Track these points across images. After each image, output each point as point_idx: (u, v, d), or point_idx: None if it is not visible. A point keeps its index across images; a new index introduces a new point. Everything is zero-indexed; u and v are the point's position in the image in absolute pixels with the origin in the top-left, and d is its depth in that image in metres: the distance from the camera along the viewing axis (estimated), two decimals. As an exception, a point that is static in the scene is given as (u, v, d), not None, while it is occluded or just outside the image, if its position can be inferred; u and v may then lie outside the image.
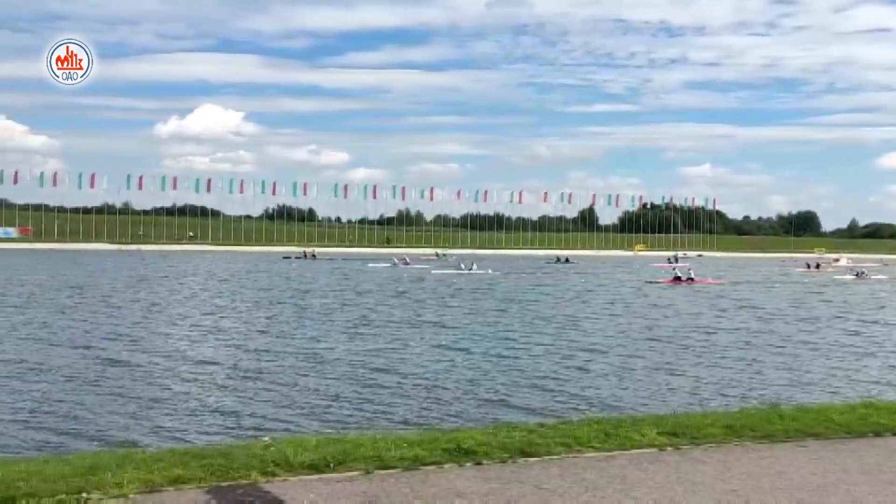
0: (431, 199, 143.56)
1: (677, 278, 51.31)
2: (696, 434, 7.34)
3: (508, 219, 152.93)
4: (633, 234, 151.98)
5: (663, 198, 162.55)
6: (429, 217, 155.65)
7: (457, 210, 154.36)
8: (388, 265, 66.67)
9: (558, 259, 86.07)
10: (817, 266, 76.72)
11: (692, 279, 51.24)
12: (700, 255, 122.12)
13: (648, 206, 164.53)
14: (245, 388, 15.70)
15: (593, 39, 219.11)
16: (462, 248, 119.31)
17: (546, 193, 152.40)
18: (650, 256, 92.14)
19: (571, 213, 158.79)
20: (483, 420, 12.45)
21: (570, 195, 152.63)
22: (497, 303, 35.76)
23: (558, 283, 52.37)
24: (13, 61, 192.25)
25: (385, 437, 7.25)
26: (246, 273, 56.77)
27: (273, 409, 13.96)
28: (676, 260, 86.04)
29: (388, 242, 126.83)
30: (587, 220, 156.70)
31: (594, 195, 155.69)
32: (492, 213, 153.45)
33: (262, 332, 24.22)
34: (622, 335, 24.55)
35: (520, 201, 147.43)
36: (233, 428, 12.53)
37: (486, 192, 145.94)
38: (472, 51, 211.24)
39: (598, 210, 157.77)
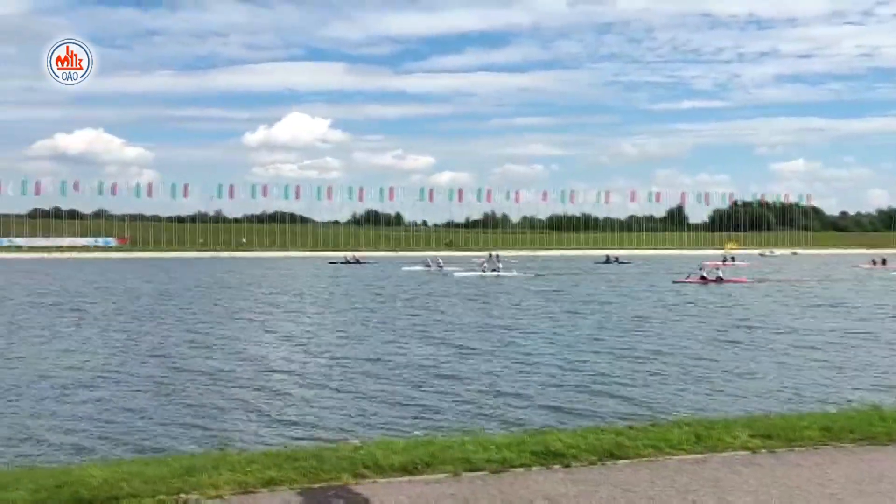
0: (517, 201, 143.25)
1: (704, 278, 49.92)
2: (791, 436, 7.12)
3: (595, 219, 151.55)
4: (725, 233, 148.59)
5: (755, 195, 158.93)
6: (515, 219, 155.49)
7: (543, 212, 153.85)
8: (423, 268, 66.52)
9: (608, 259, 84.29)
10: (883, 262, 73.64)
11: (721, 279, 50.00)
12: (795, 253, 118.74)
13: (739, 204, 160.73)
14: (331, 392, 15.95)
15: (679, 35, 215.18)
16: (548, 248, 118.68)
17: (633, 193, 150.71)
18: (709, 255, 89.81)
19: (660, 212, 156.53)
20: (568, 423, 12.36)
21: (657, 194, 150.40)
22: (541, 303, 35.41)
23: (589, 283, 51.62)
24: (109, 77, 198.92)
25: (473, 439, 7.25)
26: (312, 277, 57.66)
27: (359, 412, 14.16)
28: (733, 259, 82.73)
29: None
30: (676, 218, 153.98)
31: (683, 193, 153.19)
32: (578, 214, 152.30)
33: (340, 335, 24.59)
34: (684, 337, 24.07)
35: (607, 201, 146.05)
36: (322, 430, 12.74)
37: (572, 192, 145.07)
38: (556, 51, 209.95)
39: (687, 208, 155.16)
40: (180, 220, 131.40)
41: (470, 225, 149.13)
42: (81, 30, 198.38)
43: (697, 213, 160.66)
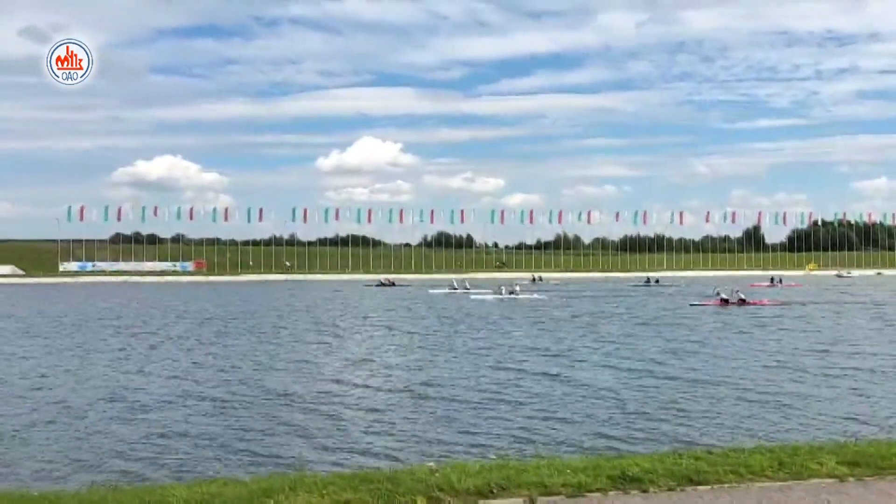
0: (589, 222, 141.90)
1: (724, 300, 48.29)
2: (880, 464, 6.88)
3: (669, 240, 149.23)
4: (804, 253, 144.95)
5: (836, 214, 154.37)
6: (587, 240, 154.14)
7: (615, 233, 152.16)
8: (448, 291, 65.36)
9: (648, 280, 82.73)
10: None
11: (744, 300, 48.37)
12: (879, 273, 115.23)
13: (819, 224, 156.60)
14: (401, 414, 15.99)
15: (754, 53, 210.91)
16: (622, 271, 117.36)
17: (708, 213, 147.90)
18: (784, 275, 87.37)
19: (735, 232, 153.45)
20: (641, 446, 12.16)
21: (733, 214, 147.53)
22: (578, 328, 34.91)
23: (607, 305, 50.51)
24: (188, 105, 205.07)
25: (548, 462, 7.19)
26: (360, 300, 57.91)
27: (433, 434, 14.15)
28: (780, 281, 79.89)
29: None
30: (753, 239, 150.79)
31: (760, 213, 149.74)
32: (652, 235, 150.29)
33: (405, 358, 24.70)
34: (735, 361, 23.41)
35: (681, 222, 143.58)
36: (396, 452, 12.77)
37: (645, 213, 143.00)
38: (628, 71, 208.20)
39: (764, 229, 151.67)
40: (255, 243, 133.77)
41: (541, 247, 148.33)
42: (162, 61, 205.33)
43: (775, 234, 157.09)
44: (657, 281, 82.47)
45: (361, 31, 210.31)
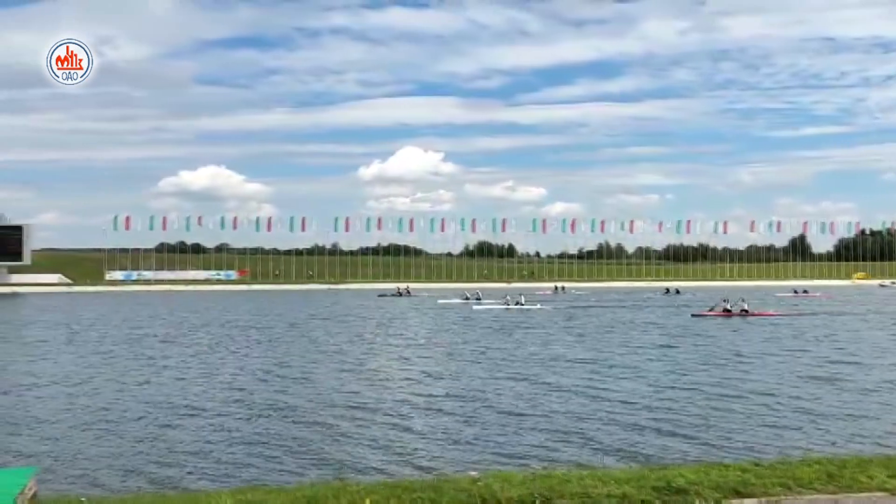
0: (631, 231, 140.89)
1: (727, 311, 47.47)
2: (932, 477, 6.73)
3: (713, 249, 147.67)
4: (851, 263, 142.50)
5: (884, 223, 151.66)
6: (630, 250, 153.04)
7: (658, 242, 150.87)
8: (460, 301, 64.66)
9: (668, 290, 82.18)
10: None
11: (746, 311, 47.47)
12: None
13: (867, 233, 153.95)
14: (444, 422, 15.97)
15: (799, 60, 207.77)
16: (665, 280, 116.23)
17: (753, 222, 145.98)
18: (831, 286, 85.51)
19: (781, 241, 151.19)
20: (683, 457, 12.03)
21: (778, 223, 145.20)
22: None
23: (612, 317, 49.41)
24: (231, 115, 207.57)
25: (591, 473, 7.15)
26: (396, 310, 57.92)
27: (475, 443, 14.12)
28: (805, 292, 77.92)
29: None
30: (798, 248, 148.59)
31: (805, 222, 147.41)
32: (695, 244, 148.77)
33: (441, 368, 24.66)
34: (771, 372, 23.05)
35: (724, 231, 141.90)
36: (438, 461, 12.75)
37: (688, 222, 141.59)
38: (670, 79, 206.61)
39: (810, 238, 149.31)
40: (298, 252, 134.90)
41: (584, 256, 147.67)
42: (206, 71, 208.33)
43: (821, 243, 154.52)
44: (677, 291, 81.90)
45: (402, 41, 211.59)
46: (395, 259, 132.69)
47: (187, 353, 29.02)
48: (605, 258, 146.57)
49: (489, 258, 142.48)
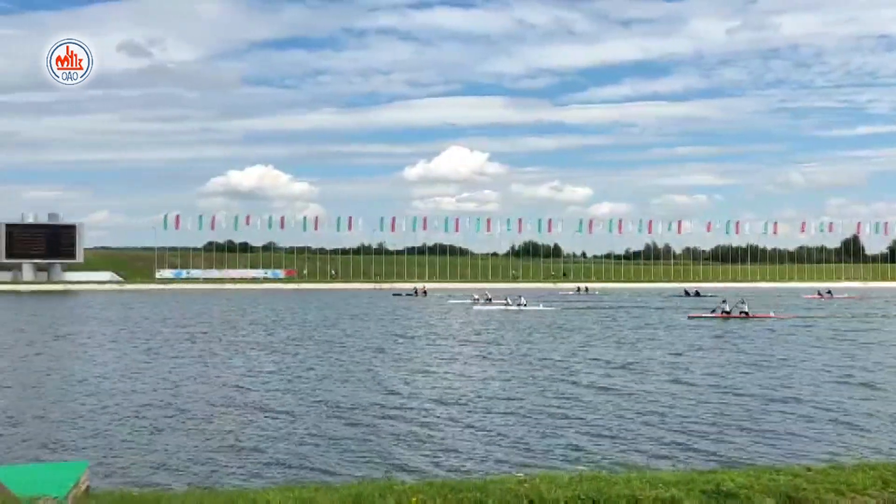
0: (679, 231, 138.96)
1: (726, 313, 46.48)
2: None
3: (763, 250, 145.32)
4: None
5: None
6: (677, 250, 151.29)
7: (707, 243, 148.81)
8: (470, 302, 63.97)
9: (687, 292, 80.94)
10: None
11: (747, 314, 46.42)
12: None
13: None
14: (489, 423, 15.96)
15: (853, 58, 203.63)
16: (713, 281, 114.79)
17: (804, 223, 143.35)
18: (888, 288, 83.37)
19: (833, 242, 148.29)
20: (734, 462, 11.86)
21: (830, 224, 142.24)
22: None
23: (608, 319, 48.42)
24: (278, 115, 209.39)
25: (639, 475, 7.08)
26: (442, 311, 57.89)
27: (521, 444, 14.10)
28: (830, 293, 75.81)
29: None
30: (851, 249, 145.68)
31: (859, 223, 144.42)
32: (744, 245, 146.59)
33: (487, 369, 24.63)
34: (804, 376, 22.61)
35: (774, 232, 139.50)
36: (484, 462, 12.76)
37: (737, 223, 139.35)
38: (719, 78, 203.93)
39: (863, 239, 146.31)
40: (344, 252, 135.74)
41: (630, 256, 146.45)
42: (254, 72, 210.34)
43: (875, 244, 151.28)
44: (697, 293, 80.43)
45: (449, 41, 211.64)
46: (441, 259, 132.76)
47: (235, 351, 29.35)
48: (651, 259, 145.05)
49: (535, 258, 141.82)
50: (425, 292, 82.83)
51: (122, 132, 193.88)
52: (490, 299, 63.33)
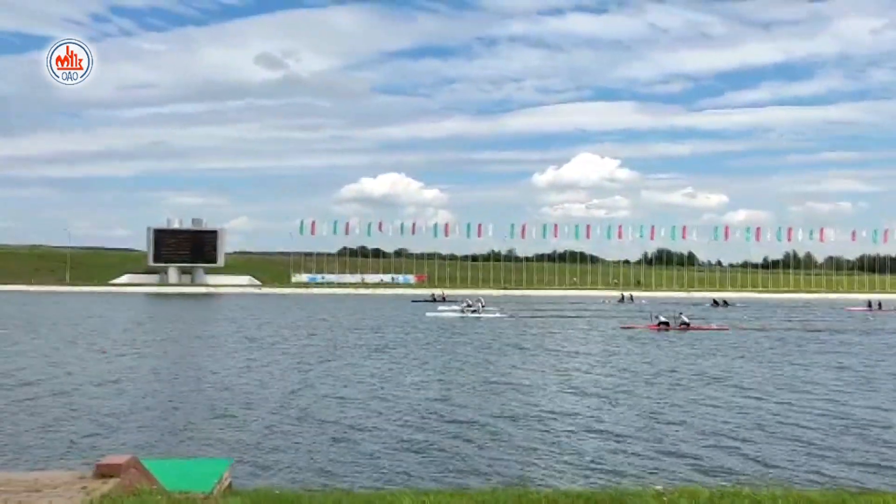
0: (821, 239, 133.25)
1: (664, 324, 43.72)
2: None
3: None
4: None
5: None
6: (819, 259, 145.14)
7: (851, 252, 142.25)
8: (459, 308, 60.46)
9: (715, 302, 78.34)
10: None
11: (687, 325, 43.79)
12: None
13: None
14: (624, 435, 15.68)
15: None
16: (858, 291, 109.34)
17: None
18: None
19: None
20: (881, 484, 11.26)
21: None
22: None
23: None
24: (411, 123, 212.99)
25: (784, 493, 6.79)
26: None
27: (655, 455, 13.80)
28: (880, 306, 70.24)
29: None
30: None
31: None
32: (894, 255, 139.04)
33: (614, 377, 24.27)
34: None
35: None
36: (617, 475, 12.54)
37: (885, 231, 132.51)
38: (866, 81, 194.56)
39: None
40: (474, 258, 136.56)
41: (768, 265, 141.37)
42: (387, 81, 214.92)
43: None
44: (725, 303, 78.17)
45: (583, 47, 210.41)
46: (572, 266, 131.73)
47: (368, 356, 29.90)
48: (791, 268, 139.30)
49: (669, 266, 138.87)
50: (444, 298, 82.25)
51: (261, 140, 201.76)
52: (484, 305, 60.84)
